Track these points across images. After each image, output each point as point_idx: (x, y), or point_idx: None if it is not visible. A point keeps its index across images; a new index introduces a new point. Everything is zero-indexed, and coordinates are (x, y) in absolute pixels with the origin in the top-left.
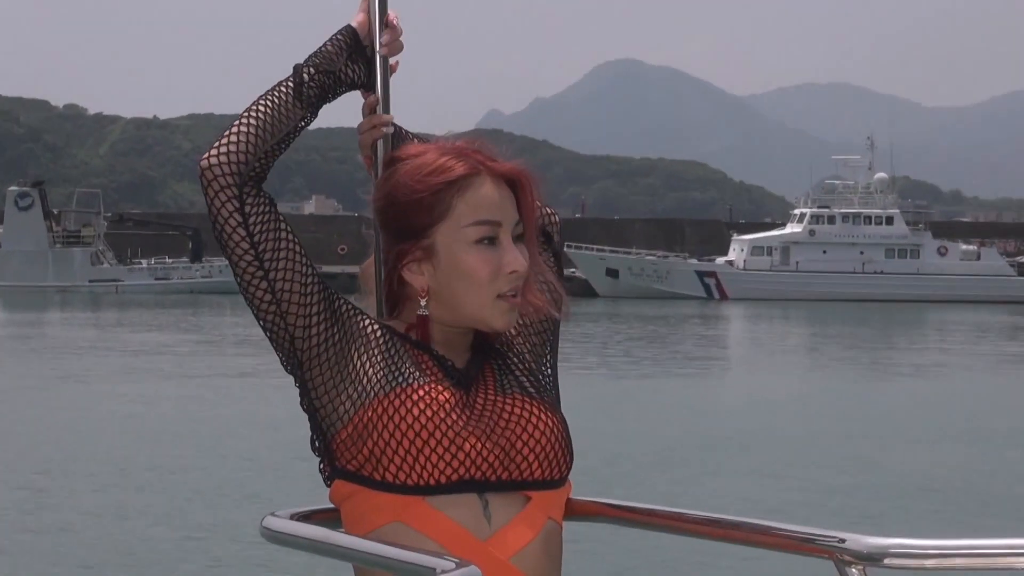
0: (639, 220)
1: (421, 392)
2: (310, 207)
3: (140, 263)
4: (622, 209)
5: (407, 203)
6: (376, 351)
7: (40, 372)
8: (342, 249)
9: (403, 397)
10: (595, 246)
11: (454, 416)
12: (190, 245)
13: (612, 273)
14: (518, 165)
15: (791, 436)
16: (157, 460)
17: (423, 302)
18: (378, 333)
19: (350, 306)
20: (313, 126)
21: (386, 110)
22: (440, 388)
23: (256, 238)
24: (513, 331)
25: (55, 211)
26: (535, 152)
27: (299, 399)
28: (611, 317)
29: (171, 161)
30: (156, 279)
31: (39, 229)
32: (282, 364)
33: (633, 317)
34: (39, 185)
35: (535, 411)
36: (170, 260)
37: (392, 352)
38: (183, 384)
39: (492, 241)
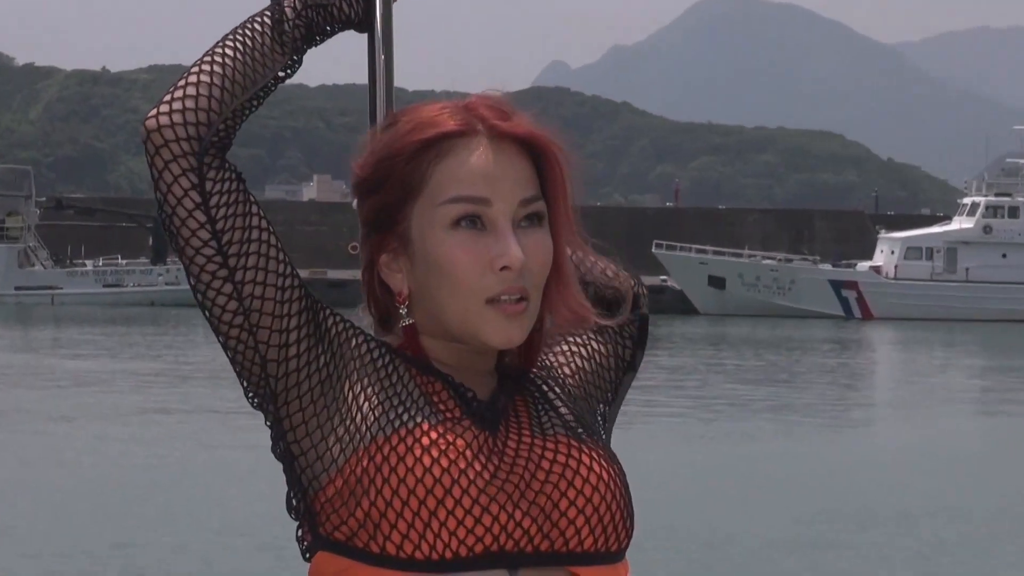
0: (752, 211)
1: (433, 435)
2: (310, 191)
3: (84, 264)
4: (729, 196)
5: (380, 174)
6: (373, 379)
7: None
8: (353, 247)
9: (409, 441)
10: (693, 246)
11: (477, 466)
12: (150, 241)
13: (717, 282)
14: (536, 127)
15: (968, 509)
16: (106, 531)
17: (403, 309)
18: (375, 355)
19: (339, 320)
20: (317, 82)
21: (387, 54)
22: (459, 428)
23: (219, 225)
24: (558, 351)
25: None
26: (612, 119)
27: (271, 443)
28: (714, 342)
29: (125, 128)
30: (105, 286)
31: None
32: (247, 397)
33: (744, 343)
34: None
35: (585, 459)
36: (124, 261)
37: (394, 380)
38: (141, 427)
39: (475, 223)
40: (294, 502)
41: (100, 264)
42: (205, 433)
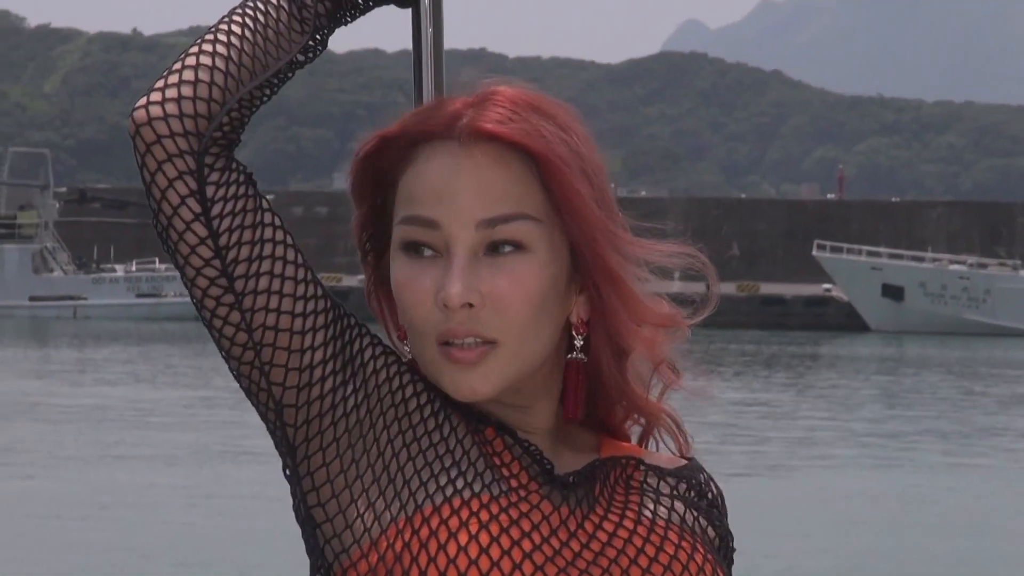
0: (936, 204)
1: (495, 508)
2: (340, 182)
3: (113, 270)
4: (906, 185)
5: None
6: (419, 430)
7: None
8: None
9: (464, 515)
10: (862, 247)
11: (548, 551)
12: None
13: (893, 292)
14: (520, 124)
15: None
16: None
17: (405, 345)
18: (421, 399)
19: (377, 347)
20: (395, 46)
21: (436, 28)
22: (523, 505)
23: (223, 240)
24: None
25: None
26: (760, 91)
27: (292, 501)
28: (890, 366)
29: None
30: (139, 296)
31: None
32: (269, 430)
33: (928, 365)
34: None
35: (698, 557)
36: (162, 266)
37: (445, 433)
38: (187, 472)
39: (420, 251)
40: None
41: (133, 269)
42: (271, 477)
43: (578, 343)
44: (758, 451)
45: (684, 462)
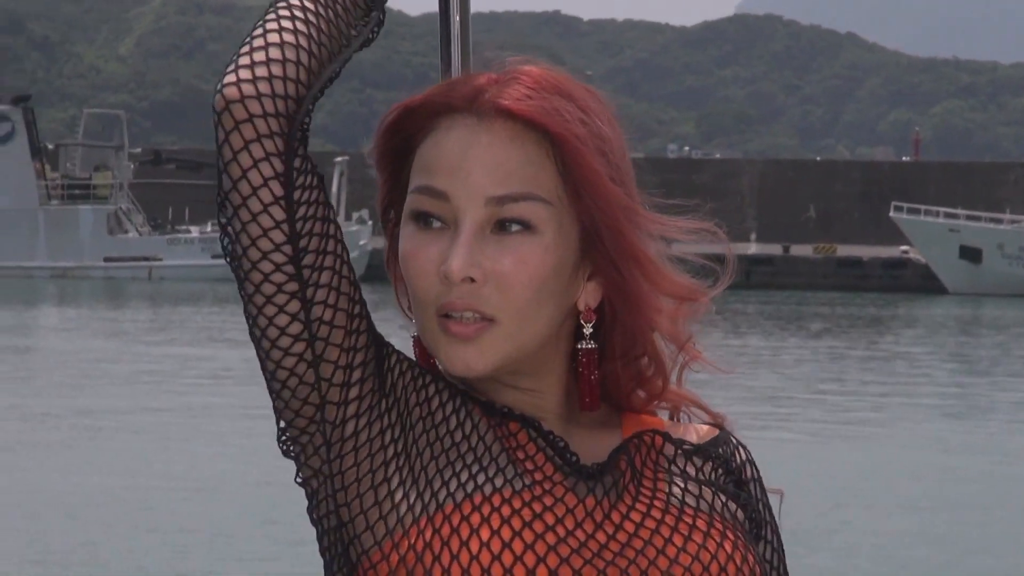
0: (1015, 165)
1: (516, 503)
2: None
3: (188, 231)
4: (981, 148)
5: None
6: (442, 429)
7: (23, 416)
8: None
9: (485, 511)
10: (940, 208)
11: (573, 543)
12: None
13: (971, 254)
14: (538, 102)
15: None
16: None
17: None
18: (443, 398)
19: (403, 358)
20: (417, 10)
21: (464, 2)
22: (547, 498)
23: (299, 227)
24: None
25: (48, 146)
26: (834, 54)
27: (308, 504)
28: (967, 328)
29: None
30: (214, 257)
31: (22, 175)
32: (280, 441)
33: (1005, 329)
34: (22, 103)
35: (728, 545)
36: None
37: (467, 431)
38: (265, 432)
39: (430, 222)
40: (335, 568)
41: (208, 230)
42: None
43: (587, 331)
44: (834, 412)
45: (712, 433)
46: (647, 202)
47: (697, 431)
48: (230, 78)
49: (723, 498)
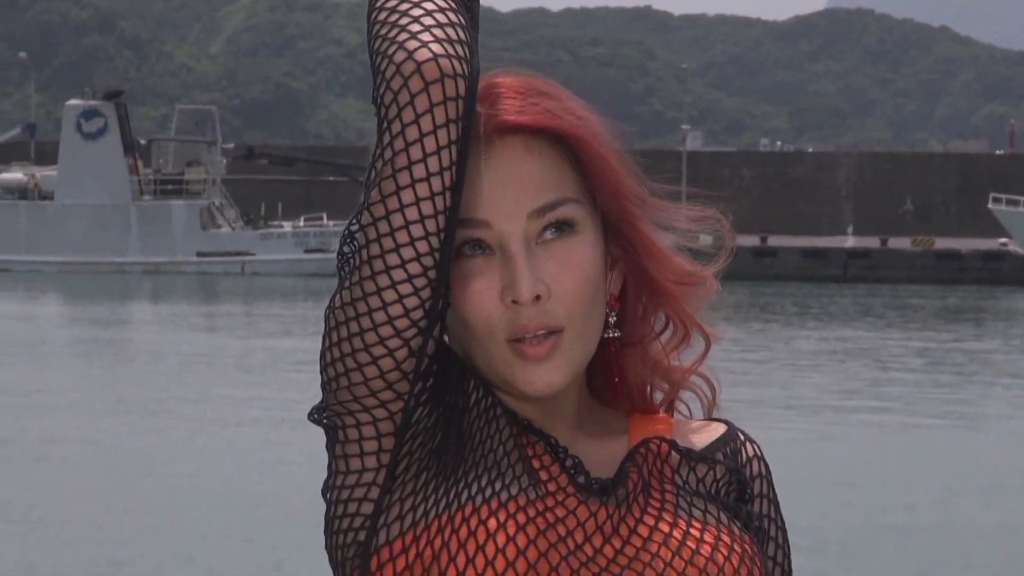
0: None
1: (531, 511)
2: None
3: (281, 226)
4: None
5: None
6: (467, 431)
7: (120, 408)
8: None
9: (501, 516)
10: None
11: (582, 556)
12: (362, 197)
13: None
14: (550, 108)
15: None
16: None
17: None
18: (478, 394)
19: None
20: (561, 4)
21: None
22: (559, 509)
23: (451, 200)
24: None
25: (141, 141)
26: (928, 48)
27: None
28: None
29: (327, 64)
30: (307, 252)
31: (115, 170)
32: (318, 413)
33: None
34: (115, 98)
35: (735, 559)
36: (330, 222)
37: (491, 432)
38: None
39: (477, 249)
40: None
41: (301, 225)
42: None
43: (612, 319)
44: (950, 399)
45: (718, 431)
46: (648, 188)
47: (705, 428)
48: (412, 44)
49: (729, 504)
